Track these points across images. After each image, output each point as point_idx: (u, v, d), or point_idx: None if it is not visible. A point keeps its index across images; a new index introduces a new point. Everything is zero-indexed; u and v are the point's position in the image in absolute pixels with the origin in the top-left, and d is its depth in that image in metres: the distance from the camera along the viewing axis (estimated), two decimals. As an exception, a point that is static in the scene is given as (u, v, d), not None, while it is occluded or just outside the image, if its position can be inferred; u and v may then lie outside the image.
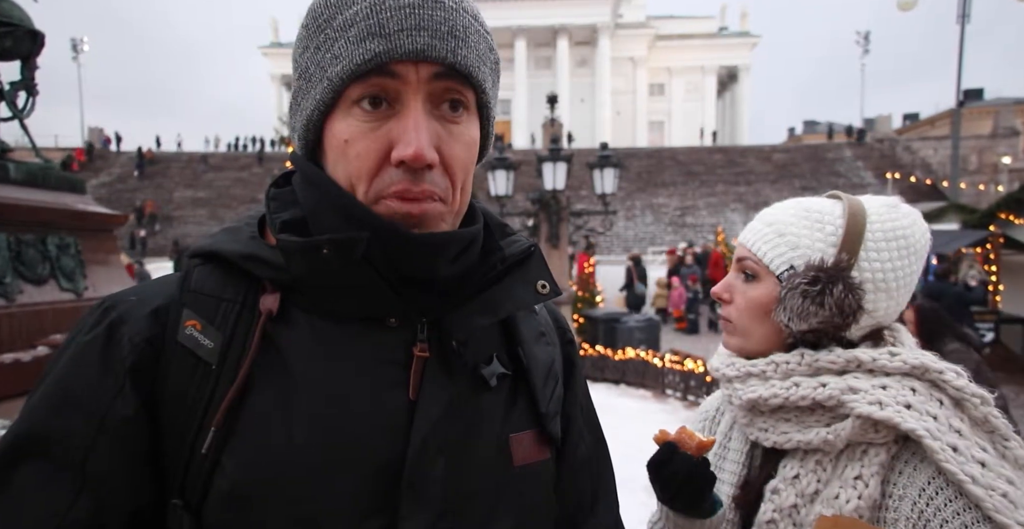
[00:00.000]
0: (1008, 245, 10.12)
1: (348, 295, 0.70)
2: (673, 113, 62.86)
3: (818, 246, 1.04)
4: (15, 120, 4.07)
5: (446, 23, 0.68)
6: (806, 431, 0.99)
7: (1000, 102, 45.34)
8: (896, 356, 0.98)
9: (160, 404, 0.67)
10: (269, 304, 0.70)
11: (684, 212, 33.41)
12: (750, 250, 1.09)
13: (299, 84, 0.73)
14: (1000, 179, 31.47)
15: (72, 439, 0.63)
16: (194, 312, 0.70)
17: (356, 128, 0.68)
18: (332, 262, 0.68)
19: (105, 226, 4.36)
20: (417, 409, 0.70)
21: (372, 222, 0.68)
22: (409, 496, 0.67)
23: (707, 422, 1.27)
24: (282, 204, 0.76)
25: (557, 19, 56.06)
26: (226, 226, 0.79)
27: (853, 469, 0.94)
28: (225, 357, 0.68)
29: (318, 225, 0.72)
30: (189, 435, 0.66)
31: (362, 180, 0.69)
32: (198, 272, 0.74)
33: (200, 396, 0.67)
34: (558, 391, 0.85)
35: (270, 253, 0.72)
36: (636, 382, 8.41)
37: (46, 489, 0.62)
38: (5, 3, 3.80)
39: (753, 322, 1.08)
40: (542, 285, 0.80)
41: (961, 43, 16.04)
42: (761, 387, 1.03)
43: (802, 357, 1.02)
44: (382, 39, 0.66)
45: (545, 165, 9.57)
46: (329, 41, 0.69)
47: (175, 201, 34.42)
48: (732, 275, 1.14)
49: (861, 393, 0.95)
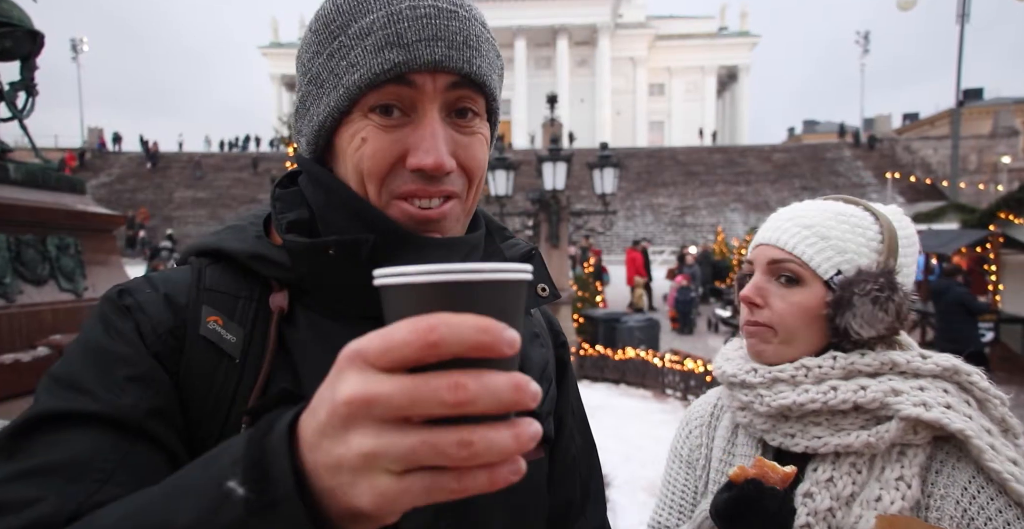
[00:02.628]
0: (1008, 245, 10.11)
1: (352, 295, 0.71)
2: (673, 113, 62.89)
3: (863, 251, 1.04)
4: (15, 120, 4.07)
5: (461, 33, 0.69)
6: (842, 434, 0.98)
7: (1000, 102, 45.37)
8: (928, 358, 1.00)
9: (185, 394, 0.67)
10: (279, 302, 0.71)
11: (684, 212, 33.42)
12: (791, 253, 1.06)
13: (309, 89, 0.73)
14: (1000, 179, 31.49)
15: (133, 409, 0.61)
16: (214, 308, 0.70)
17: (373, 129, 0.69)
18: (338, 263, 0.69)
19: (105, 226, 4.36)
20: None
21: (382, 224, 0.69)
22: None
23: (703, 427, 1.24)
24: (288, 204, 0.76)
25: (557, 19, 56.10)
26: (230, 224, 0.79)
27: (893, 470, 0.94)
28: (247, 352, 0.69)
29: (326, 226, 0.73)
30: (215, 427, 0.67)
31: (374, 180, 0.70)
32: (211, 270, 0.73)
33: (226, 389, 0.68)
34: (551, 392, 0.86)
35: (276, 253, 0.73)
36: (636, 382, 8.41)
37: (116, 450, 0.59)
38: (4, 3, 3.80)
39: (799, 328, 1.05)
40: (542, 288, 0.81)
41: (961, 43, 16.04)
42: (792, 393, 1.01)
43: (835, 360, 1.01)
44: (401, 49, 0.67)
45: (545, 165, 9.56)
46: (344, 49, 0.69)
47: (175, 201, 34.43)
48: (762, 278, 1.09)
49: (904, 395, 0.95)
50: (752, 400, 1.06)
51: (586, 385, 8.70)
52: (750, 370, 1.08)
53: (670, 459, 1.27)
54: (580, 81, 59.22)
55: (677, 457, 1.25)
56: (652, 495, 1.00)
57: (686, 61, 62.13)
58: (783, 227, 1.09)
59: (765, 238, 1.10)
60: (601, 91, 57.85)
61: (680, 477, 1.22)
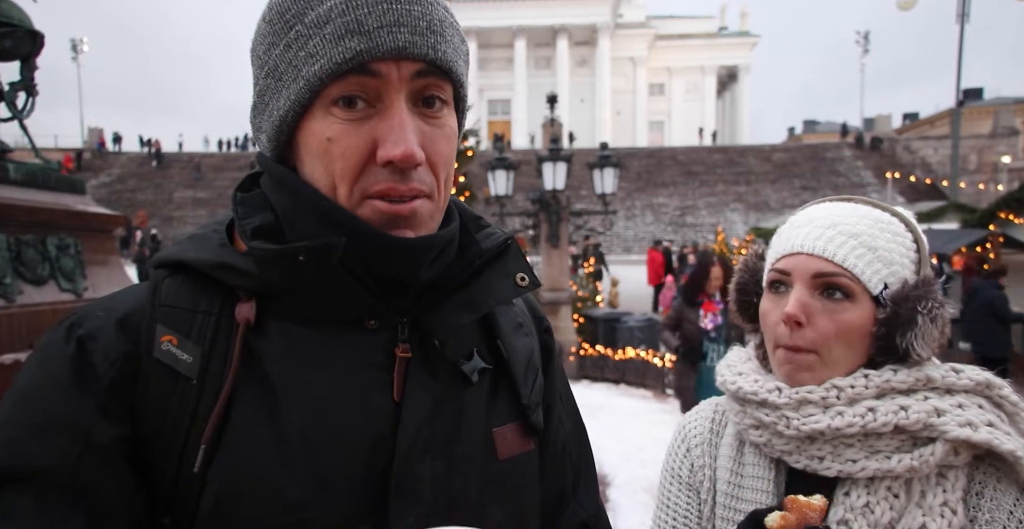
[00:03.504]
0: (1008, 244, 10.11)
1: (325, 299, 0.69)
2: (673, 113, 62.86)
3: (904, 262, 0.97)
4: (15, 120, 4.06)
5: (424, 18, 0.66)
6: (879, 458, 0.90)
7: (999, 101, 45.35)
8: (960, 372, 0.93)
9: (142, 421, 0.64)
10: (245, 313, 0.68)
11: (684, 212, 33.41)
12: (842, 266, 0.94)
13: (267, 83, 0.69)
14: (999, 178, 31.47)
15: (60, 459, 0.60)
16: (168, 327, 0.67)
17: (338, 126, 0.66)
18: (309, 269, 0.66)
19: (105, 226, 4.36)
20: (403, 411, 0.69)
21: (352, 225, 0.67)
22: (398, 499, 0.67)
23: (704, 446, 1.12)
24: (250, 209, 0.73)
25: (557, 19, 56.05)
26: (192, 233, 0.75)
27: (936, 495, 0.88)
28: (206, 371, 0.66)
29: (293, 230, 0.70)
30: (174, 452, 0.64)
31: (345, 179, 0.67)
32: (167, 284, 0.70)
33: (183, 412, 0.65)
34: (539, 381, 0.85)
35: (241, 261, 0.69)
36: (636, 382, 8.41)
37: (39, 513, 0.59)
38: (4, 3, 3.80)
39: (847, 352, 0.95)
40: (521, 277, 0.79)
41: (960, 43, 16.04)
42: (824, 416, 0.92)
43: (867, 379, 0.93)
44: (362, 37, 0.64)
45: (545, 165, 9.56)
46: (302, 39, 0.66)
47: (175, 201, 34.42)
48: (806, 293, 0.96)
49: (947, 415, 0.88)
50: (775, 421, 0.96)
51: (586, 385, 8.70)
52: (773, 389, 0.98)
53: (666, 480, 1.15)
54: (580, 81, 59.15)
55: (676, 479, 1.13)
56: (652, 495, 1.00)
57: (686, 61, 62.09)
58: (827, 235, 0.96)
59: (807, 246, 0.97)
60: (601, 91, 57.80)
61: (681, 501, 1.11)
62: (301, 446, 0.64)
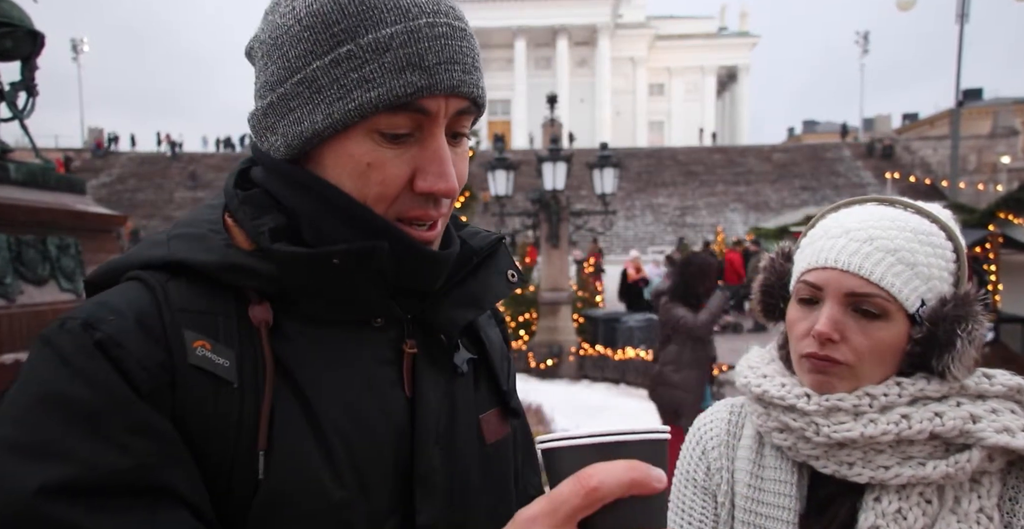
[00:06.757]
0: (1007, 245, 10.11)
1: (346, 301, 0.69)
2: (673, 113, 62.93)
3: (943, 275, 0.94)
4: (15, 120, 4.07)
5: (470, 54, 0.69)
6: (912, 464, 0.89)
7: (999, 102, 45.35)
8: (991, 378, 0.93)
9: (183, 432, 0.60)
10: (262, 315, 0.66)
11: (684, 212, 33.43)
12: (879, 285, 0.91)
13: (298, 90, 0.67)
14: (999, 179, 31.47)
15: (144, 460, 0.56)
16: (197, 331, 0.63)
17: (379, 154, 0.67)
18: (343, 272, 0.66)
19: (105, 226, 4.36)
20: (416, 405, 0.72)
21: (393, 234, 0.68)
22: (421, 490, 0.70)
23: (722, 448, 1.09)
24: (257, 209, 0.70)
25: (557, 19, 56.12)
26: (180, 232, 0.71)
27: (971, 502, 0.87)
28: (242, 374, 0.64)
29: (318, 233, 0.70)
30: (225, 458, 0.62)
31: (381, 204, 0.68)
32: (174, 287, 0.65)
33: (227, 418, 0.62)
34: (512, 368, 0.91)
35: (252, 261, 0.67)
36: (636, 382, 8.40)
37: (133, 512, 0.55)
38: (5, 3, 3.80)
39: (879, 367, 0.94)
40: (511, 274, 0.83)
41: (960, 43, 16.04)
42: (856, 423, 0.91)
43: (900, 388, 0.92)
44: (423, 72, 0.64)
45: (545, 165, 9.56)
46: (355, 60, 0.64)
47: (175, 201, 34.42)
48: (839, 310, 0.93)
49: (984, 421, 0.87)
50: (804, 427, 0.94)
51: (586, 385, 8.71)
52: (801, 395, 0.96)
53: (680, 484, 1.13)
54: (580, 81, 59.22)
55: (691, 483, 1.11)
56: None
57: (686, 61, 62.18)
58: (864, 251, 0.92)
59: (841, 262, 0.93)
60: (601, 91, 57.87)
61: (696, 505, 1.09)
62: (341, 444, 0.66)
